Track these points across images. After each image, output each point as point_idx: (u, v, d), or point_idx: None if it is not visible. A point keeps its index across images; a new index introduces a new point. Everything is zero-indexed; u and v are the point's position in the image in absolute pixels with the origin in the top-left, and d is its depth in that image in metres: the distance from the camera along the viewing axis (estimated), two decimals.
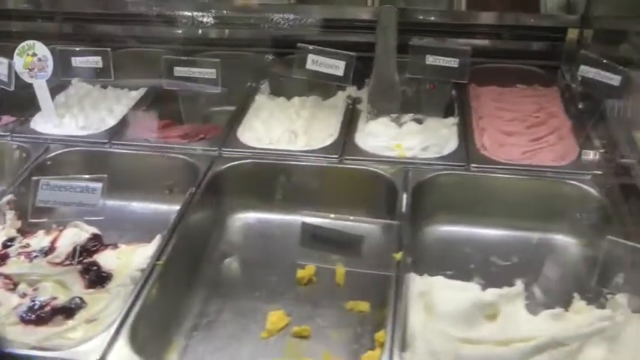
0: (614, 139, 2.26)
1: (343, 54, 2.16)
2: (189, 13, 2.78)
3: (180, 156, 2.24)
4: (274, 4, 2.81)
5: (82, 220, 1.95)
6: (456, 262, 1.97)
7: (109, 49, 2.40)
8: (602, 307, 1.70)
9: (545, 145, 2.21)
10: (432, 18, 2.77)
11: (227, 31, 2.86)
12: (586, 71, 2.13)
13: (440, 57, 2.09)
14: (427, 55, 2.08)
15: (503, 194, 2.09)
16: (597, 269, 1.74)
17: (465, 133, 2.27)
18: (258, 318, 1.83)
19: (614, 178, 2.09)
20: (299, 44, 2.18)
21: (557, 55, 2.74)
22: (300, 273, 1.94)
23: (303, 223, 1.51)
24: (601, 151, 2.18)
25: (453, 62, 2.09)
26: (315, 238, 1.49)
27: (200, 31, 2.83)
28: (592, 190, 2.03)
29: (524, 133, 2.27)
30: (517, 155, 2.16)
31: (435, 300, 1.61)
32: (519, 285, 1.68)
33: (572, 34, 2.72)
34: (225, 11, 2.79)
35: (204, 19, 2.77)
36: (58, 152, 2.30)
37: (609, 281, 1.77)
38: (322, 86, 2.44)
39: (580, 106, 2.39)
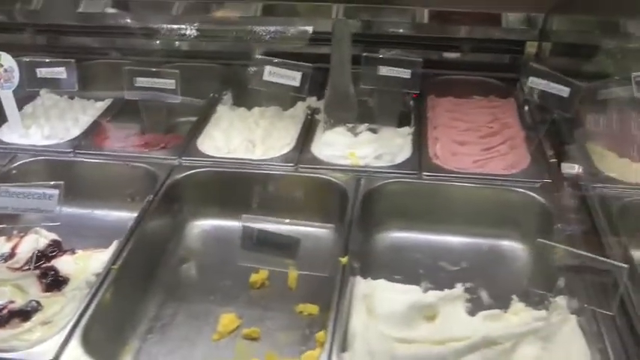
0: (564, 149, 2.33)
1: (300, 65, 2.22)
2: (160, 26, 2.84)
3: (141, 165, 2.28)
4: (242, 15, 2.86)
5: (40, 226, 1.99)
6: (406, 268, 2.02)
7: (73, 60, 2.45)
8: (546, 309, 1.76)
9: (496, 154, 2.27)
10: (398, 30, 2.83)
11: (193, 43, 2.90)
12: (536, 83, 2.20)
13: (392, 67, 2.14)
14: (379, 66, 2.13)
15: (454, 202, 2.15)
16: (540, 273, 1.82)
17: (419, 142, 2.33)
18: (211, 321, 1.88)
19: (561, 187, 2.15)
20: (257, 56, 2.23)
21: (516, 67, 2.80)
22: (253, 277, 1.99)
23: (244, 227, 1.57)
24: (551, 160, 2.24)
25: (404, 73, 2.14)
26: (254, 240, 1.55)
27: (168, 43, 2.89)
28: (539, 198, 2.09)
29: (477, 143, 2.33)
30: (468, 164, 2.22)
31: (376, 302, 1.67)
32: (459, 287, 1.74)
33: (531, 47, 2.79)
34: (194, 25, 2.85)
35: (173, 32, 2.82)
36: (22, 162, 2.34)
37: (552, 284, 1.84)
38: (283, 97, 2.49)
39: (534, 117, 2.45)
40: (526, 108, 2.55)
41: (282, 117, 2.51)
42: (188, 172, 2.23)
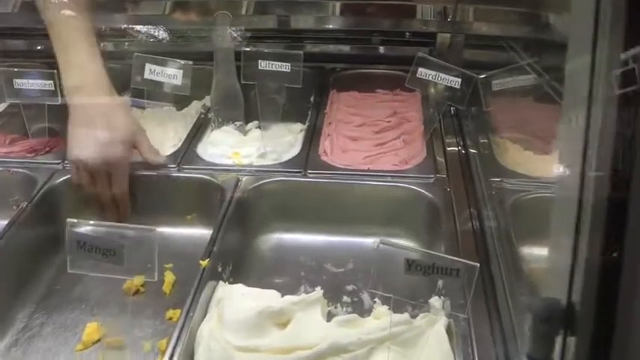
0: (463, 143, 2.26)
1: (181, 63, 2.13)
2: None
3: (22, 170, 2.20)
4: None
5: None
6: (287, 270, 1.94)
7: None
8: (427, 311, 1.68)
9: (389, 149, 2.19)
10: (307, 24, 2.75)
11: None
12: (425, 73, 2.13)
13: (272, 62, 2.05)
14: (260, 61, 2.04)
15: (341, 200, 2.06)
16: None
17: (311, 139, 2.25)
18: (79, 331, 1.80)
19: (456, 182, 2.08)
20: (135, 53, 2.14)
21: None
22: (126, 284, 1.90)
23: (69, 232, 1.48)
24: (450, 154, 2.17)
25: (284, 67, 2.05)
26: (81, 246, 1.46)
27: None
28: (427, 193, 2.01)
29: (371, 139, 2.25)
30: (358, 161, 2.14)
31: (226, 308, 1.58)
32: (318, 291, 1.65)
33: (443, 39, 2.72)
34: None
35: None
36: None
37: (434, 285, 1.76)
38: (180, 96, 2.40)
39: (436, 110, 2.37)
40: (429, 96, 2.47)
41: (174, 117, 2.42)
42: (68, 176, 2.13)
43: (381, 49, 2.77)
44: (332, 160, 2.13)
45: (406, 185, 2.04)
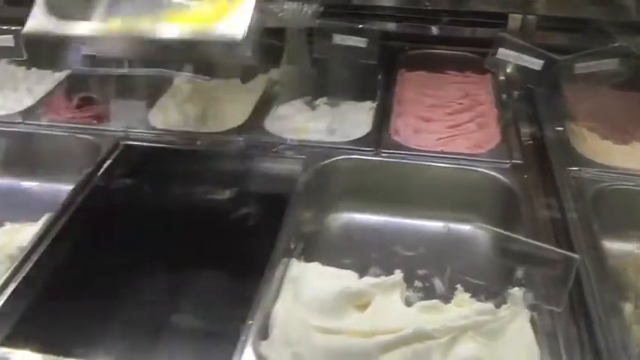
0: (538, 128, 2.17)
1: None
2: None
3: (87, 136, 2.17)
4: None
5: None
6: (357, 251, 1.88)
7: (20, 27, 2.32)
8: (503, 301, 1.61)
9: (463, 132, 2.12)
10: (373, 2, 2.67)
11: None
12: (505, 55, 2.05)
13: (348, 36, 1.98)
14: (334, 35, 1.98)
15: (413, 181, 1.99)
16: (500, 262, 1.67)
17: (381, 118, 2.18)
18: None
19: (532, 169, 1.99)
20: None
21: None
22: None
23: None
24: (525, 139, 2.08)
25: (361, 42, 1.98)
26: None
27: None
28: (504, 179, 1.93)
29: (443, 120, 2.18)
30: (431, 142, 2.07)
31: (303, 287, 1.52)
32: (398, 274, 1.59)
33: (514, 20, 2.62)
34: None
35: None
36: None
37: (511, 274, 1.70)
38: (246, 69, 2.36)
39: (509, 93, 2.29)
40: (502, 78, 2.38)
41: (240, 90, 2.38)
42: (134, 143, 2.11)
43: (450, 30, 2.66)
44: (404, 140, 2.06)
45: (482, 170, 1.96)
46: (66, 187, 2.02)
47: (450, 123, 2.15)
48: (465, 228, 1.97)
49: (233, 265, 1.80)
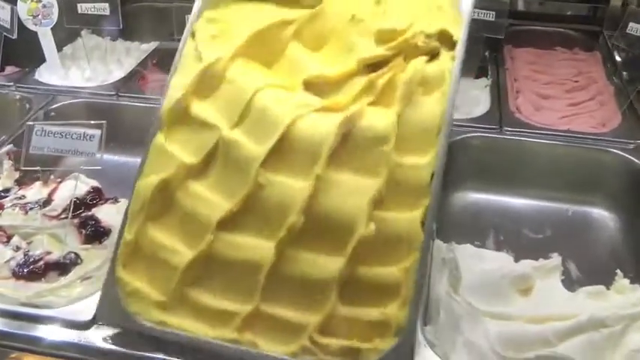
0: None
1: None
2: None
3: None
4: None
5: (79, 169, 1.80)
6: (485, 232, 1.82)
7: None
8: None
9: (584, 110, 2.05)
10: None
11: None
12: (635, 29, 1.95)
13: (476, 9, 1.89)
14: None
15: (538, 161, 1.92)
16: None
17: (499, 95, 2.11)
18: None
19: None
20: None
21: (598, 19, 2.57)
22: None
23: None
24: None
25: (489, 15, 1.89)
26: None
27: None
28: (636, 161, 1.85)
29: (562, 98, 2.11)
30: (554, 120, 2.00)
31: (461, 270, 1.45)
32: (556, 258, 1.51)
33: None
34: None
35: None
36: (62, 103, 2.18)
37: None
38: None
39: (624, 72, 2.21)
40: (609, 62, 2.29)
41: None
42: None
43: (552, 5, 2.57)
44: (527, 118, 1.99)
45: (613, 150, 1.88)
46: None
47: (569, 101, 2.07)
48: (593, 211, 1.90)
49: None
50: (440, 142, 1.30)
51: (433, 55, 1.41)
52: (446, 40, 1.42)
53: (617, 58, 2.29)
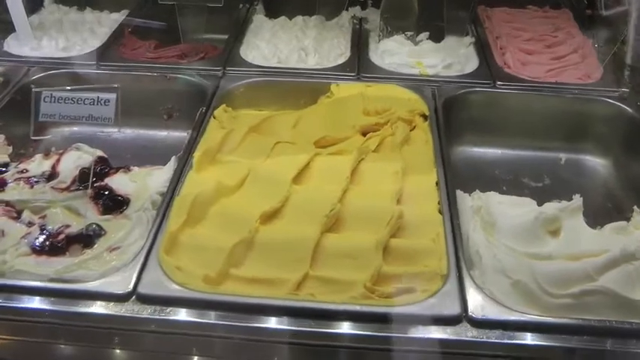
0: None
1: None
2: None
3: (182, 76, 2.06)
4: None
5: (97, 133, 1.74)
6: (488, 184, 1.84)
7: None
8: None
9: (568, 63, 2.13)
10: None
11: None
12: None
13: None
14: None
15: (531, 113, 2.00)
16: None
17: (484, 52, 2.17)
18: None
19: None
20: None
21: None
22: None
23: None
24: (627, 68, 2.08)
25: None
26: None
27: None
28: (625, 107, 1.95)
29: (545, 52, 2.18)
30: (541, 73, 2.07)
31: (494, 216, 1.50)
32: (578, 199, 1.57)
33: None
34: None
35: None
36: (41, 75, 2.09)
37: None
38: (324, 6, 2.29)
39: (596, 26, 2.29)
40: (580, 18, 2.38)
41: (327, 26, 2.31)
42: (240, 82, 2.02)
43: None
44: (516, 73, 2.05)
45: (603, 98, 1.97)
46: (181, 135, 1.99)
47: (552, 55, 2.15)
48: (586, 158, 1.99)
49: None
50: None
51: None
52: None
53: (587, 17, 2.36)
